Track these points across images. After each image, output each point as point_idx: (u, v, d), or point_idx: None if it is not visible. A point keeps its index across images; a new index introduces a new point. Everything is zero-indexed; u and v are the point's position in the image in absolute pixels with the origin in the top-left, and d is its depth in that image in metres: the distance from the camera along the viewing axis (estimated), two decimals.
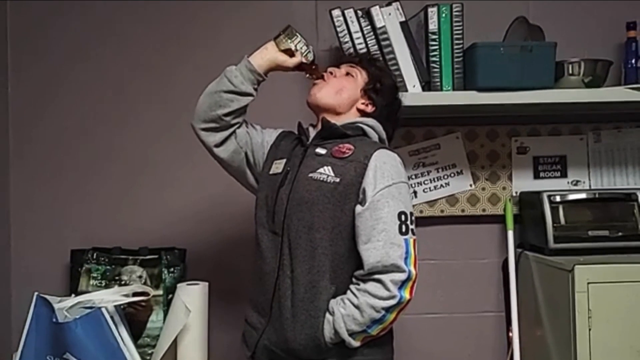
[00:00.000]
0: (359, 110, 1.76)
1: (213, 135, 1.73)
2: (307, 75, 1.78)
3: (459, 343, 2.32)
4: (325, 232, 1.58)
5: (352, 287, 1.57)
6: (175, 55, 2.30)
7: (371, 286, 1.53)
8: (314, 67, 1.77)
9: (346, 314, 1.54)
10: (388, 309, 1.52)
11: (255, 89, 1.73)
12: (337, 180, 1.59)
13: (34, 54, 2.30)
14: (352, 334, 1.54)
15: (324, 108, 1.74)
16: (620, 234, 2.09)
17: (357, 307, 1.53)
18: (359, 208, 1.58)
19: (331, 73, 1.77)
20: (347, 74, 1.78)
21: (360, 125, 1.73)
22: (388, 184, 1.58)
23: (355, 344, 1.55)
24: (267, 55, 1.73)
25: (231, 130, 1.74)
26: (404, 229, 1.56)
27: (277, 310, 1.61)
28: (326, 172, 1.61)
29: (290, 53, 1.73)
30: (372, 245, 1.54)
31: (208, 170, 1.82)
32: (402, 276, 1.52)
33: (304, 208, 1.60)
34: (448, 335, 2.32)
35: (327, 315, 1.56)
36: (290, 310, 1.58)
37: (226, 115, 1.70)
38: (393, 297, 1.51)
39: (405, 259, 1.53)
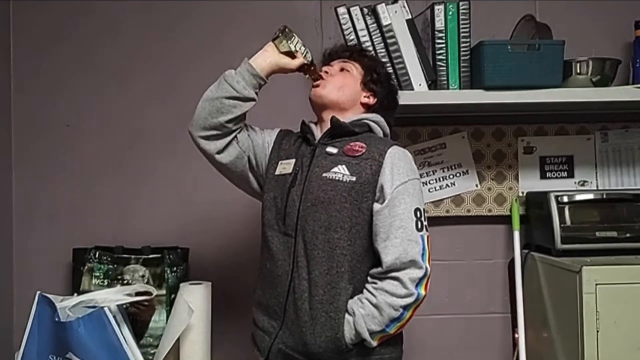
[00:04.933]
0: (362, 104, 1.76)
1: (214, 143, 1.69)
2: (307, 76, 1.76)
3: (465, 344, 2.30)
4: (343, 232, 1.57)
5: (368, 285, 1.57)
6: (179, 54, 2.29)
7: (389, 284, 1.53)
8: (312, 67, 1.75)
9: (366, 313, 1.53)
10: (406, 307, 1.52)
11: (257, 93, 1.69)
12: (354, 179, 1.59)
13: (37, 50, 2.29)
14: (371, 334, 1.54)
15: (329, 105, 1.73)
16: (628, 235, 2.07)
17: (375, 306, 1.53)
18: (376, 206, 1.58)
19: (327, 72, 1.76)
20: (342, 69, 1.77)
21: (366, 121, 1.73)
22: (404, 180, 1.58)
23: (374, 343, 1.55)
24: (269, 58, 1.69)
25: (232, 135, 1.70)
26: (419, 226, 1.56)
27: (293, 313, 1.59)
28: (341, 171, 1.60)
29: (291, 55, 1.71)
30: (390, 242, 1.54)
31: (211, 170, 1.80)
32: (419, 273, 1.53)
33: (320, 208, 1.59)
34: (454, 336, 2.31)
35: (347, 316, 1.55)
36: (309, 313, 1.56)
37: (228, 121, 1.66)
38: (411, 294, 1.52)
39: (422, 255, 1.54)
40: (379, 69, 1.80)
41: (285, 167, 1.71)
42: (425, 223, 1.58)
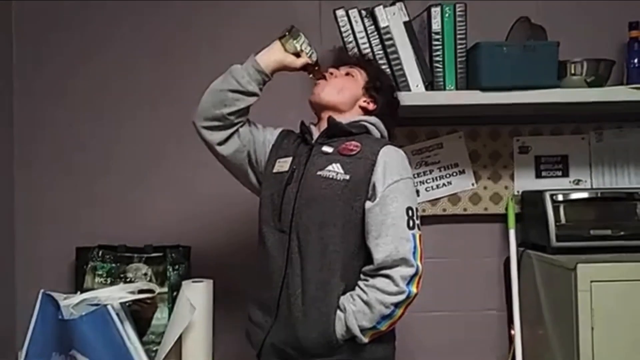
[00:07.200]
0: (361, 107, 1.78)
1: (215, 133, 1.73)
2: (310, 75, 1.79)
3: (461, 341, 2.32)
4: (336, 230, 1.59)
5: (360, 283, 1.59)
6: (179, 55, 2.31)
7: (380, 282, 1.55)
8: (317, 67, 1.78)
9: (357, 310, 1.55)
10: (397, 305, 1.54)
11: (261, 89, 1.73)
12: (347, 177, 1.61)
13: (38, 50, 2.31)
14: (362, 330, 1.55)
15: (327, 106, 1.75)
16: (622, 233, 2.08)
17: (366, 303, 1.54)
18: (368, 204, 1.60)
19: (331, 73, 1.79)
20: (347, 74, 1.80)
21: (364, 123, 1.76)
22: (396, 179, 1.60)
23: (365, 340, 1.57)
24: (274, 55, 1.73)
25: (234, 128, 1.74)
26: (411, 224, 1.58)
27: (286, 309, 1.61)
28: (335, 170, 1.63)
29: (296, 54, 1.74)
30: (381, 240, 1.56)
31: (213, 168, 1.82)
32: (410, 271, 1.55)
33: (314, 205, 1.61)
34: (450, 333, 2.32)
35: (338, 312, 1.57)
36: (302, 309, 1.58)
37: (230, 114, 1.70)
38: (402, 292, 1.54)
39: (413, 253, 1.56)
40: (383, 79, 1.84)
41: (283, 165, 1.74)
42: (417, 222, 1.60)
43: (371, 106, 1.78)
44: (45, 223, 2.29)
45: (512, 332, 2.21)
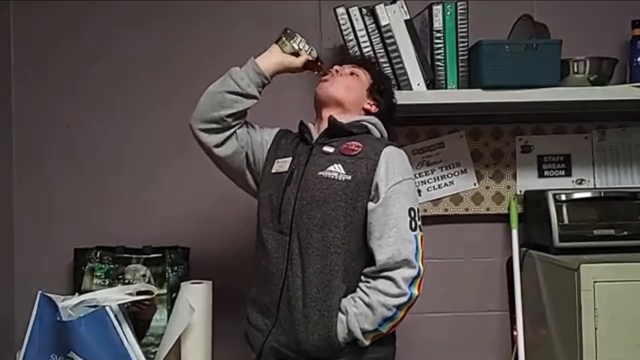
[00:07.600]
0: (364, 109, 1.78)
1: (212, 136, 1.71)
2: (315, 72, 1.79)
3: (464, 342, 2.31)
4: (337, 231, 1.58)
5: (361, 284, 1.58)
6: (180, 56, 2.30)
7: (382, 284, 1.54)
8: (319, 63, 1.78)
9: (359, 312, 1.54)
10: (399, 307, 1.53)
11: (260, 92, 1.72)
12: (349, 177, 1.60)
13: (37, 50, 2.30)
14: (364, 333, 1.54)
15: (333, 102, 1.74)
16: (625, 232, 2.08)
17: (368, 305, 1.53)
18: (371, 205, 1.59)
19: (337, 71, 1.78)
20: (352, 73, 1.79)
21: (365, 123, 1.75)
22: (399, 180, 1.60)
23: (367, 342, 1.56)
24: (273, 58, 1.73)
25: (231, 131, 1.72)
26: (413, 225, 1.58)
27: (287, 311, 1.60)
28: (337, 170, 1.62)
29: (295, 54, 1.74)
30: (384, 241, 1.55)
31: (212, 169, 1.81)
32: (412, 272, 1.54)
33: (315, 207, 1.60)
34: (452, 334, 2.32)
35: (340, 314, 1.56)
36: (302, 311, 1.57)
37: (228, 116, 1.69)
38: (404, 294, 1.53)
39: (415, 255, 1.55)
40: (386, 82, 1.85)
41: (282, 165, 1.73)
42: (419, 223, 1.59)
43: (374, 109, 1.79)
44: (44, 224, 2.28)
45: (515, 332, 2.20)
